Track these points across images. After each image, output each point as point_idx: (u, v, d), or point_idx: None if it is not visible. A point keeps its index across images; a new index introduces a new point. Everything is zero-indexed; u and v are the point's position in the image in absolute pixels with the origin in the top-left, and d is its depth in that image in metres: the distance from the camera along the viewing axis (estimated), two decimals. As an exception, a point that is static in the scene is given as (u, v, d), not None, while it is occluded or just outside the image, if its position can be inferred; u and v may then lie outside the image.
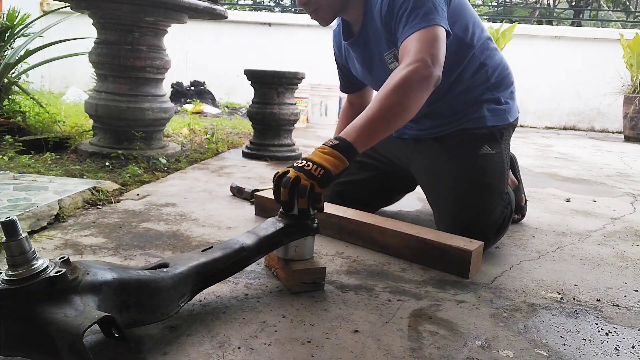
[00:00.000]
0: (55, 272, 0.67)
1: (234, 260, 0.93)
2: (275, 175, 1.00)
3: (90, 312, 0.66)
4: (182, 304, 0.83)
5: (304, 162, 0.98)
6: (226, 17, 2.55)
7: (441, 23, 1.14)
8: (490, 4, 6.66)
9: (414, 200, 1.84)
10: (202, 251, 0.93)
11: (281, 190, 0.96)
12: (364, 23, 1.32)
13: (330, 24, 1.37)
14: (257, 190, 1.72)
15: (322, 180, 0.95)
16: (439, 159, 1.40)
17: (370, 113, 1.05)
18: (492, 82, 1.38)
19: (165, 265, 0.86)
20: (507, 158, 1.40)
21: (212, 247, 0.95)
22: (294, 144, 2.70)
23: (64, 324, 0.63)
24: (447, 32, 1.16)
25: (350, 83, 1.60)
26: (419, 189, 1.61)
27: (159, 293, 0.79)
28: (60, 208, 1.41)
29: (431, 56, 1.09)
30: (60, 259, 0.71)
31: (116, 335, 0.74)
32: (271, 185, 1.02)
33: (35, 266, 0.67)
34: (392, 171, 1.54)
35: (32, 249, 0.67)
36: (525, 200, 1.66)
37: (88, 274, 0.71)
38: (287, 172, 0.98)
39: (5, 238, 0.66)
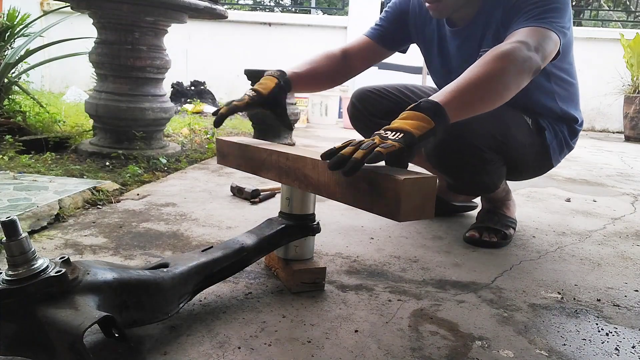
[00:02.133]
0: (55, 272, 0.67)
1: (234, 260, 0.93)
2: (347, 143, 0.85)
3: (90, 312, 0.65)
4: (182, 304, 0.83)
5: (387, 129, 0.85)
6: (226, 17, 2.55)
7: (558, 31, 1.08)
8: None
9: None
10: (202, 251, 0.93)
11: (347, 148, 0.82)
12: (475, 20, 1.27)
13: None
14: (258, 191, 1.72)
15: (401, 139, 0.81)
16: None
17: (466, 78, 0.94)
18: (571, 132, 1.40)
19: (165, 265, 0.86)
20: (534, 147, 1.33)
21: (212, 247, 0.95)
22: (294, 144, 2.70)
23: (64, 324, 0.63)
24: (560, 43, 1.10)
25: (388, 35, 1.42)
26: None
27: (159, 293, 0.79)
28: (60, 208, 1.41)
29: (537, 45, 1.02)
30: (60, 258, 0.71)
31: (116, 335, 0.74)
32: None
33: (35, 266, 0.67)
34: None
35: (32, 249, 0.67)
36: (512, 234, 1.48)
37: (88, 273, 0.71)
38: (363, 141, 0.83)
39: (5, 238, 0.66)
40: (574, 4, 9.14)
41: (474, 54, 1.25)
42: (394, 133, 0.83)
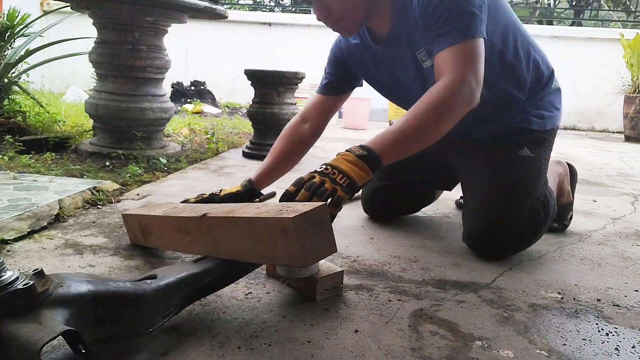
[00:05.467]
0: (23, 285, 0.64)
1: (228, 272, 0.90)
2: (298, 180, 0.94)
3: (52, 326, 0.62)
4: (167, 318, 0.79)
5: (330, 168, 0.94)
6: (226, 17, 2.55)
7: (481, 34, 1.07)
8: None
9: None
10: (195, 261, 0.90)
11: (301, 192, 0.91)
12: (393, 24, 1.22)
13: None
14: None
15: (346, 188, 0.91)
16: (474, 155, 1.37)
17: (404, 128, 1.00)
18: (540, 89, 1.34)
19: (153, 278, 0.82)
20: (546, 162, 1.35)
21: (206, 257, 0.92)
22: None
23: (24, 340, 0.60)
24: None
25: (339, 85, 1.41)
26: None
27: (140, 306, 0.75)
28: (60, 208, 1.41)
29: (474, 75, 1.04)
30: (33, 271, 0.68)
31: (83, 351, 0.69)
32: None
33: (2, 278, 0.64)
34: (428, 163, 1.49)
35: (1, 260, 0.65)
36: (571, 216, 1.59)
37: (61, 286, 0.68)
38: (313, 177, 0.93)
39: None
40: (573, 3, 9.13)
41: (408, 59, 1.23)
42: (341, 177, 0.93)
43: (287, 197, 0.92)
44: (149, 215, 1.12)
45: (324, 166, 0.95)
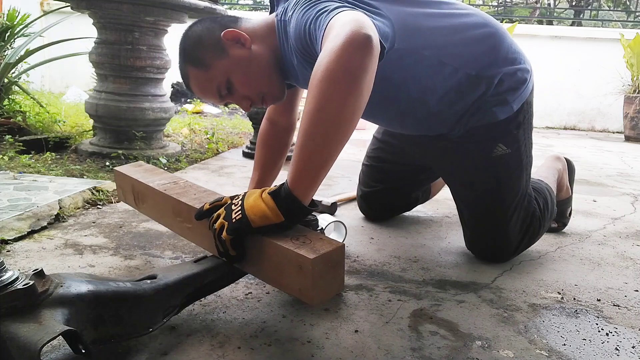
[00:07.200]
0: (23, 285, 0.64)
1: (228, 272, 0.89)
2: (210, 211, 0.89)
3: (53, 326, 0.62)
4: (167, 318, 0.80)
5: (240, 199, 0.84)
6: (226, 17, 2.55)
7: (346, 6, 0.90)
8: (490, 3, 6.67)
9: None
10: (195, 261, 0.90)
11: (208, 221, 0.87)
12: (293, 77, 1.14)
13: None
14: (336, 204, 1.65)
15: (232, 225, 0.81)
16: (450, 160, 1.26)
17: (302, 139, 0.80)
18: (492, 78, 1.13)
19: (153, 278, 0.82)
20: (527, 147, 1.21)
21: (206, 257, 0.92)
22: (294, 144, 2.70)
23: (24, 340, 0.60)
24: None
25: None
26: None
27: (140, 306, 0.75)
28: (60, 208, 1.41)
29: (356, 23, 0.80)
30: (33, 271, 0.68)
31: (83, 351, 0.68)
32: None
33: (2, 279, 0.64)
34: (411, 167, 1.46)
35: (1, 260, 0.65)
36: (570, 211, 1.57)
37: (61, 286, 0.68)
38: (226, 203, 0.87)
39: None
40: (573, 3, 9.13)
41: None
42: (237, 211, 0.82)
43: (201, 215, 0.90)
44: (146, 185, 1.08)
45: (238, 196, 0.86)
